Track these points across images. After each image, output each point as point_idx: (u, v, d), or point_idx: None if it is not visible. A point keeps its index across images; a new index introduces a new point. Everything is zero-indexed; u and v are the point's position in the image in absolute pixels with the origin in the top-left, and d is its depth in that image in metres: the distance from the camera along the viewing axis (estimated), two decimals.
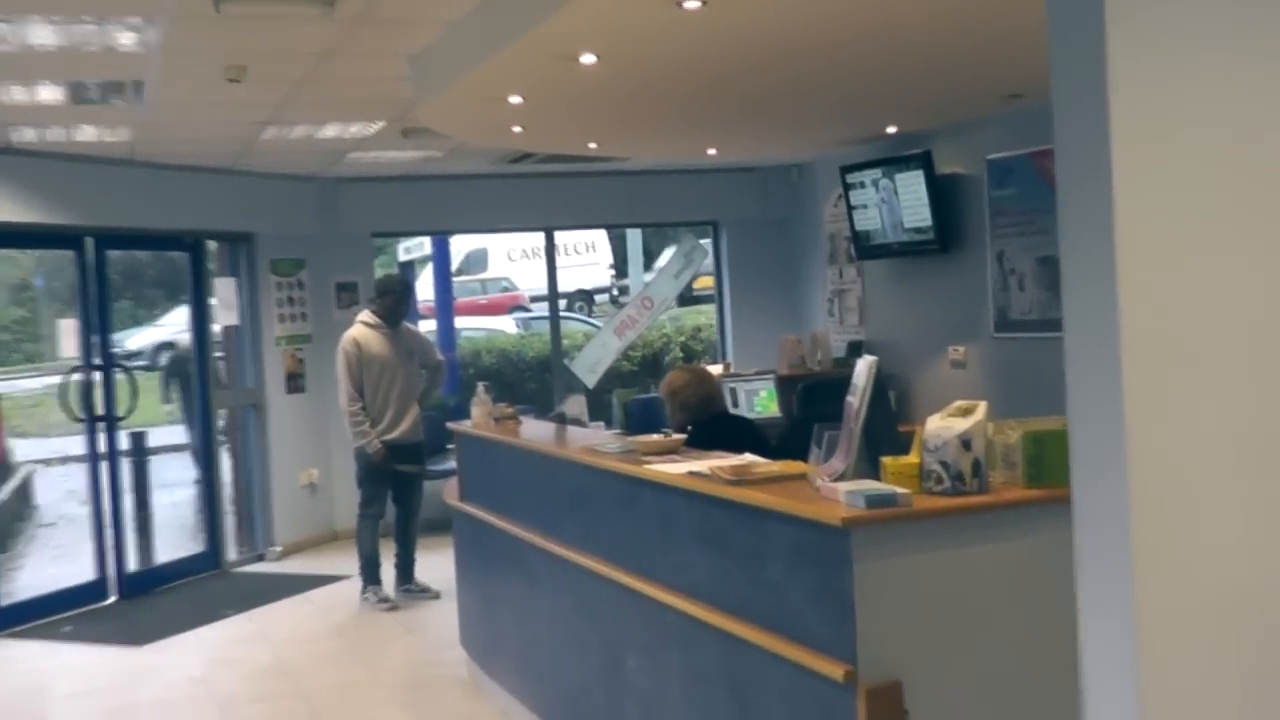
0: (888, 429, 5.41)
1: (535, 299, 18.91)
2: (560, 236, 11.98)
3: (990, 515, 3.17)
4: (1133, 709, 2.12)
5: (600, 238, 20.37)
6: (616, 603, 4.39)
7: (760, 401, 9.07)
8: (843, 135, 8.52)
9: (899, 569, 3.09)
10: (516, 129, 7.23)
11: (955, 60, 5.94)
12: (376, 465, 7.75)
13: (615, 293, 20.24)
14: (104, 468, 8.48)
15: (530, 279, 18.85)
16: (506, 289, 20.32)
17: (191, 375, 9.42)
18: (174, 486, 10.50)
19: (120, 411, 8.58)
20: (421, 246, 14.12)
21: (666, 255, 14.00)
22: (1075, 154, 2.18)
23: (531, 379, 12.42)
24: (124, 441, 8.97)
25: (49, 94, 6.25)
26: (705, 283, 14.23)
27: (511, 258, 20.45)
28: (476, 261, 20.15)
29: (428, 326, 12.17)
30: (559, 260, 11.25)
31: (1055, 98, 2.22)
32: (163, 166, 8.67)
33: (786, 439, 6.44)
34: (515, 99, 6.12)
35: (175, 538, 9.51)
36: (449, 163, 9.43)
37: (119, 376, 8.67)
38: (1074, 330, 2.21)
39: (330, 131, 7.74)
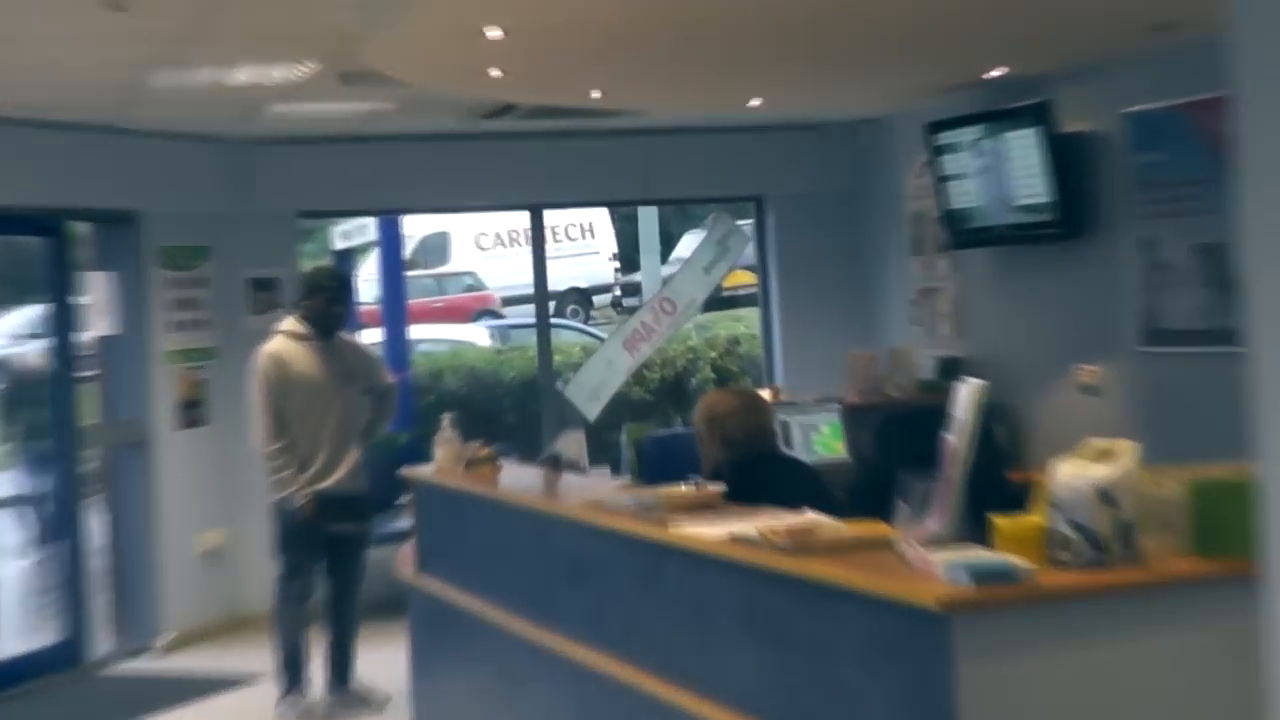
0: (997, 478, 5.40)
1: (511, 301, 18.96)
2: (549, 218, 12.04)
3: (1143, 597, 3.18)
4: None
5: (601, 219, 20.40)
6: (633, 714, 4.38)
7: (821, 440, 9.05)
8: (929, 80, 8.52)
9: (1017, 670, 3.09)
10: (495, 73, 7.24)
11: None
12: (303, 525, 7.75)
13: (620, 293, 20.31)
14: None
15: (505, 274, 18.89)
16: (471, 288, 20.37)
17: (45, 403, 9.41)
18: (17, 554, 10.49)
19: None
20: (364, 231, 14.13)
21: (692, 243, 13.99)
22: (1264, 102, 2.16)
23: (513, 409, 12.43)
24: None
25: None
26: (741, 278, 14.24)
27: (481, 245, 20.50)
28: (434, 250, 20.22)
29: (373, 338, 12.19)
30: (547, 250, 11.28)
31: (1234, 25, 2.20)
32: (14, 122, 8.69)
33: (859, 491, 6.43)
34: (494, 32, 6.13)
35: (17, 624, 9.50)
36: (403, 119, 9.45)
37: None
38: (1263, 342, 2.18)
39: (243, 76, 7.76)
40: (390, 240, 13.17)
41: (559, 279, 16.88)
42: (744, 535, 3.87)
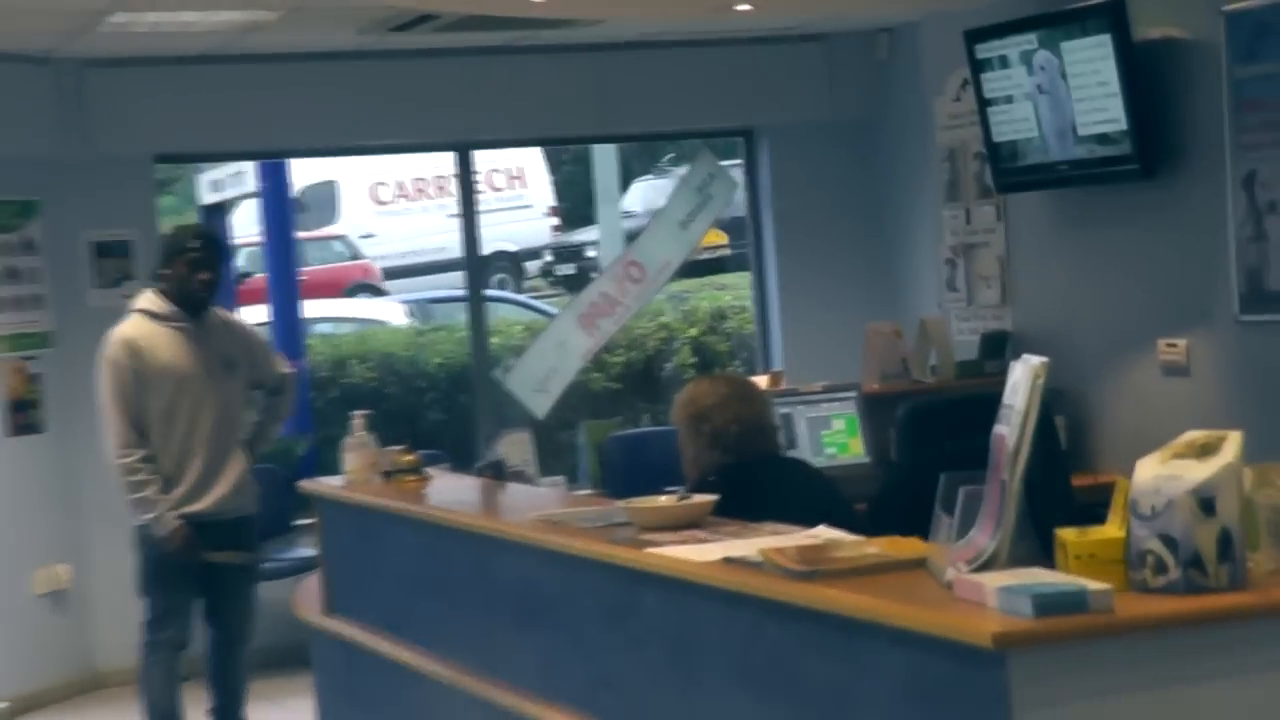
0: (1062, 482, 5.46)
1: (397, 273, 18.69)
2: (477, 161, 11.97)
3: (1252, 627, 3.21)
4: None
5: (535, 164, 20.24)
6: None
7: (832, 438, 9.09)
8: None
9: (1091, 718, 3.12)
10: None
11: None
12: (173, 557, 7.76)
13: (553, 258, 20.25)
14: None
15: (409, 235, 18.63)
16: (353, 256, 20.20)
17: None
18: None
19: None
20: (241, 180, 14.12)
21: (654, 192, 13.82)
22: None
23: (439, 404, 12.44)
24: None
25: None
26: (711, 238, 14.16)
27: (379, 198, 20.29)
28: (316, 206, 19.93)
29: (258, 317, 12.17)
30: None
31: None
32: None
33: (883, 500, 6.46)
34: None
35: None
36: (287, 34, 9.45)
37: None
38: None
39: None
40: (275, 191, 13.14)
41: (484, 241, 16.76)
42: (741, 558, 3.89)
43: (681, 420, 5.68)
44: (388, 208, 20.19)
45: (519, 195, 20.12)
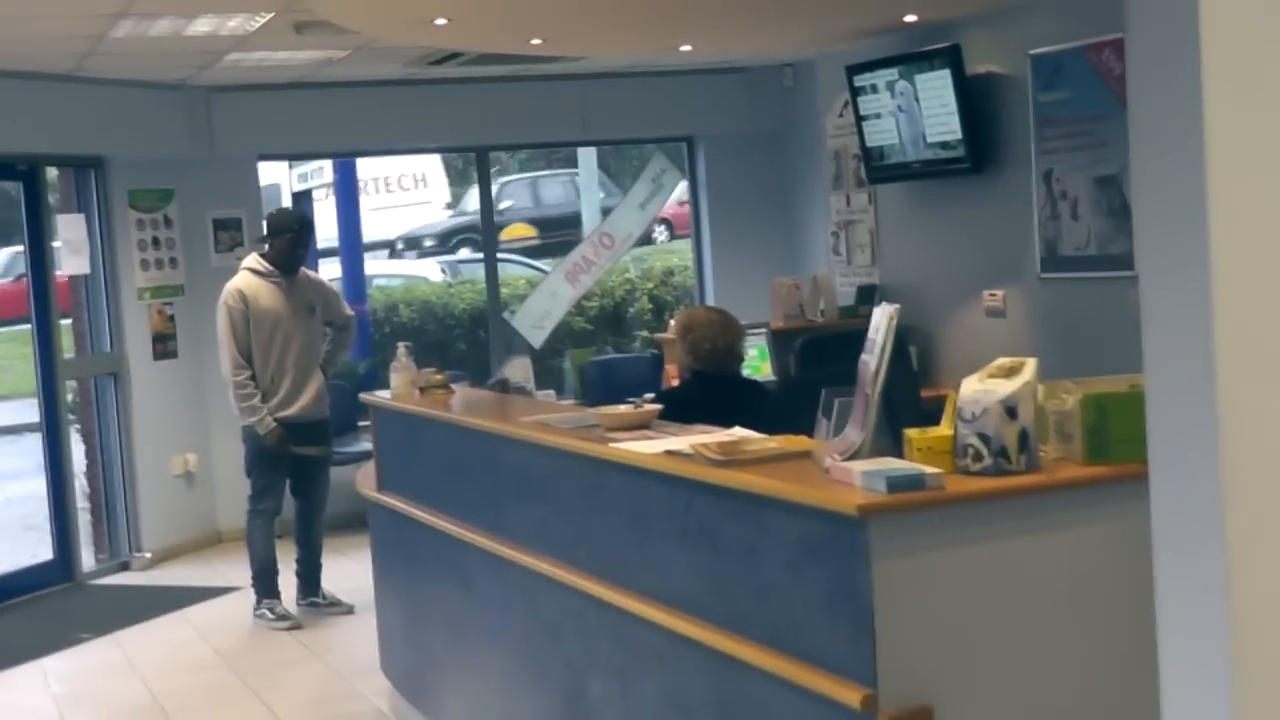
0: (910, 394, 5.44)
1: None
2: (376, 168, 11.68)
3: (1043, 499, 3.20)
4: None
5: (434, 169, 19.41)
6: (578, 615, 4.41)
7: (750, 362, 9.07)
8: (849, 26, 8.51)
9: (929, 568, 3.12)
10: (440, 21, 7.19)
11: None
12: (270, 449, 7.75)
13: (429, 242, 19.25)
14: None
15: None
16: None
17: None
18: (9, 479, 10.47)
19: None
20: (321, 173, 14.04)
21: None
22: (1154, 42, 2.18)
23: (463, 338, 12.40)
24: None
25: None
26: (519, 231, 13.68)
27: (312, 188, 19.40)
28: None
29: (331, 273, 12.13)
30: (378, 201, 11.04)
31: None
32: None
33: (780, 405, 6.48)
34: None
35: (13, 544, 9.48)
36: (354, 66, 9.39)
37: None
38: (1151, 266, 2.21)
39: (203, 26, 7.69)
40: (345, 181, 13.09)
41: (391, 230, 16.19)
42: (678, 450, 3.88)
43: (676, 330, 5.78)
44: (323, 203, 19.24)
45: (421, 193, 19.16)
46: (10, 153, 8.96)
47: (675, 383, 6.23)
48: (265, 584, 7.92)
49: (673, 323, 5.89)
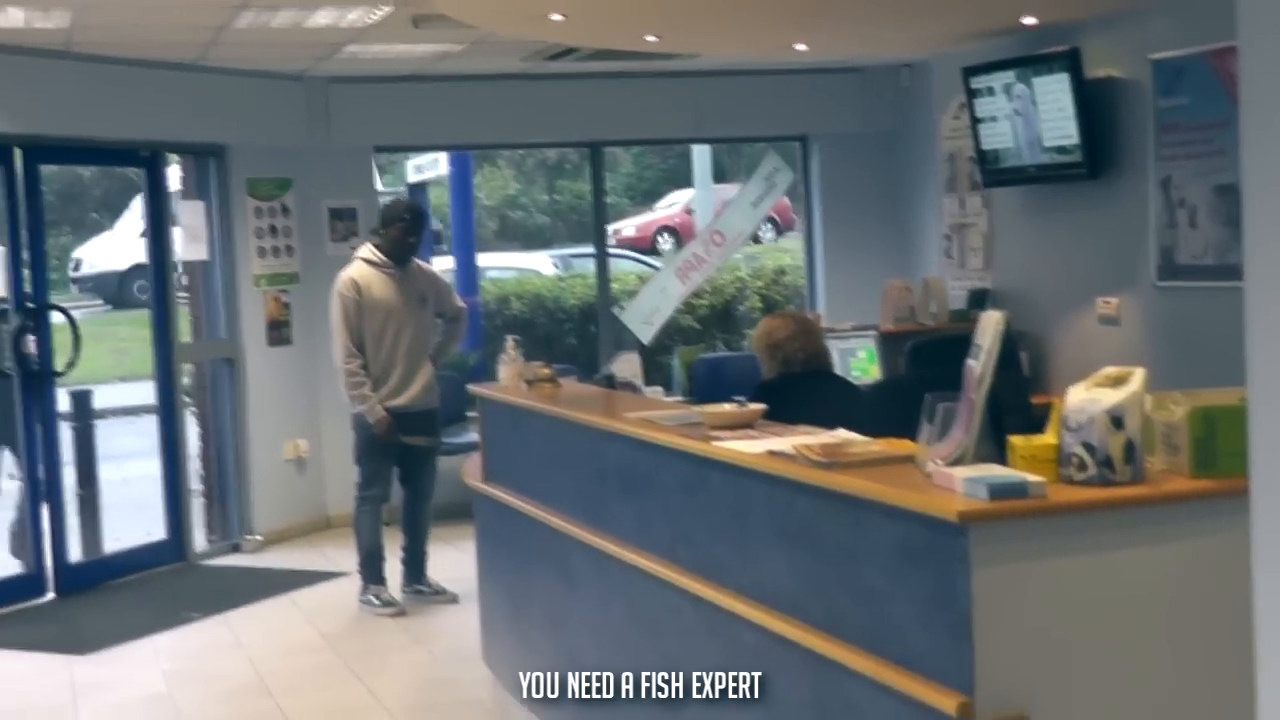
0: (1018, 401, 5.39)
1: None
2: None
3: (1146, 511, 3.18)
4: None
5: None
6: (677, 612, 4.43)
7: (858, 364, 9.07)
8: (967, 27, 8.46)
9: (1029, 576, 3.11)
10: (556, 16, 7.24)
11: None
12: (379, 437, 7.84)
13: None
14: (39, 434, 8.60)
15: None
16: None
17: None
18: (126, 458, 10.65)
19: (58, 365, 8.70)
20: (436, 165, 14.17)
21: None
22: (1266, 50, 2.16)
23: (572, 332, 12.47)
24: (63, 402, 9.11)
25: None
26: None
27: None
28: None
29: (444, 266, 12.24)
30: None
31: None
32: (109, 61, 8.75)
33: (881, 404, 6.44)
34: None
35: (128, 522, 9.66)
36: (470, 60, 9.46)
37: (56, 320, 8.77)
38: (1257, 278, 2.19)
39: (322, 18, 7.79)
40: (461, 174, 13.19)
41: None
42: (780, 450, 3.88)
43: (761, 349, 5.75)
44: None
45: None
46: (133, 140, 9.13)
47: None
48: (371, 570, 8.02)
49: (754, 337, 5.86)
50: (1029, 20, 8.23)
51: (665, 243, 17.97)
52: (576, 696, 5.33)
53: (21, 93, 8.37)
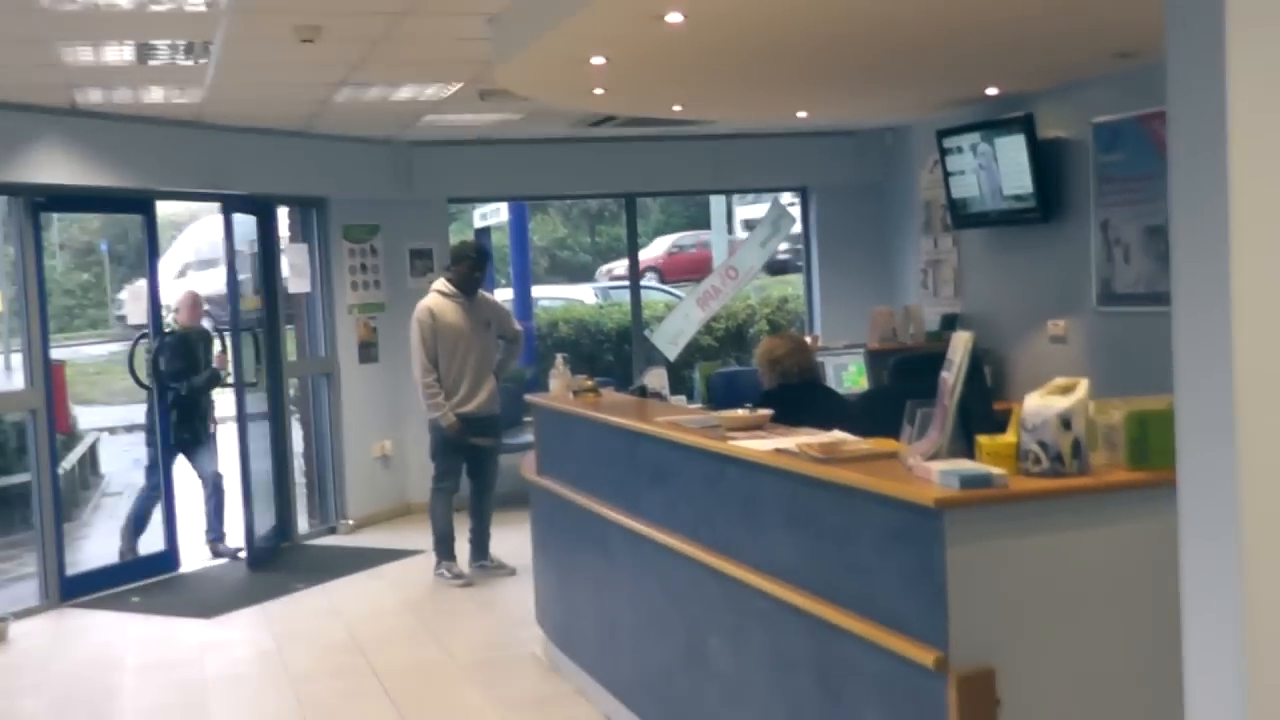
0: (983, 406, 5.37)
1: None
2: None
3: (1090, 498, 3.17)
4: (1239, 705, 2.11)
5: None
6: (699, 583, 4.43)
7: (849, 376, 9.06)
8: (940, 97, 8.45)
9: (994, 552, 3.10)
10: (598, 91, 7.26)
11: (1060, 16, 5.88)
12: (450, 438, 7.85)
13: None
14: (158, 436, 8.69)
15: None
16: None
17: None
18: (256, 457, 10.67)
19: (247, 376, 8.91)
20: (498, 213, 14.20)
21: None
22: (1189, 116, 2.17)
23: (610, 350, 12.47)
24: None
25: (117, 54, 6.37)
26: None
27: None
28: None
29: (504, 296, 12.28)
30: None
31: (1169, 56, 2.21)
32: (232, 129, 8.81)
33: (855, 406, 6.43)
34: (597, 60, 6.14)
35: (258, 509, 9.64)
36: (527, 126, 9.48)
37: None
38: (1183, 304, 2.20)
39: (405, 93, 7.82)
40: (518, 220, 13.22)
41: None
42: (786, 448, 3.89)
43: (763, 363, 5.74)
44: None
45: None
46: (250, 193, 9.19)
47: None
48: (444, 548, 8.03)
49: (757, 353, 5.86)
50: (992, 91, 8.22)
51: (650, 279, 17.86)
52: (613, 652, 5.34)
53: (159, 156, 8.43)
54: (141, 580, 8.34)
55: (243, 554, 8.75)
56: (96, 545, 9.82)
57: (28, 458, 7.99)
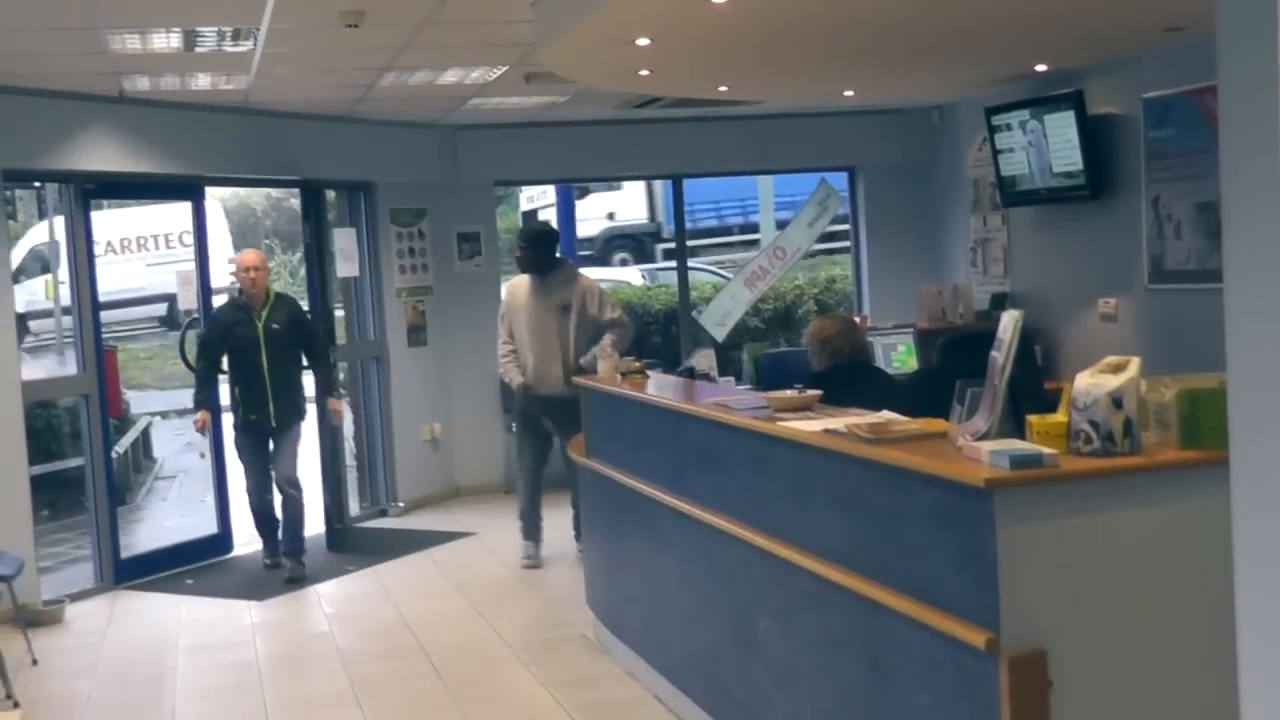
0: (1033, 386, 5.35)
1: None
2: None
3: (1142, 478, 3.15)
4: None
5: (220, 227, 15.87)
6: (747, 564, 4.44)
7: (898, 356, 9.01)
8: (988, 74, 8.38)
9: (1045, 533, 3.09)
10: (644, 73, 7.25)
11: None
12: (518, 400, 7.97)
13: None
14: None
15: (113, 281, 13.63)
16: None
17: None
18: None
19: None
20: (545, 195, 14.24)
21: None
22: (1240, 90, 2.14)
23: (658, 332, 12.46)
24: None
25: (163, 42, 6.42)
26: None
27: (114, 248, 15.75)
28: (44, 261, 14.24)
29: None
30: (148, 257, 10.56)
31: (1220, 29, 2.18)
32: (279, 114, 8.87)
33: (904, 387, 6.41)
34: (643, 41, 6.14)
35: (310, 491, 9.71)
36: (572, 108, 9.49)
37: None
38: (1234, 281, 2.17)
39: (451, 77, 7.84)
40: (565, 202, 13.25)
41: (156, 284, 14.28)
42: (834, 429, 3.89)
43: (813, 342, 5.73)
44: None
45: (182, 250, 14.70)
46: (299, 178, 9.25)
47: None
48: (524, 527, 8.01)
49: (807, 334, 5.83)
50: (1040, 67, 8.14)
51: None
52: (661, 632, 5.36)
53: (208, 141, 8.50)
54: (194, 563, 8.43)
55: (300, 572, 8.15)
56: (150, 528, 9.94)
57: (81, 442, 8.09)
